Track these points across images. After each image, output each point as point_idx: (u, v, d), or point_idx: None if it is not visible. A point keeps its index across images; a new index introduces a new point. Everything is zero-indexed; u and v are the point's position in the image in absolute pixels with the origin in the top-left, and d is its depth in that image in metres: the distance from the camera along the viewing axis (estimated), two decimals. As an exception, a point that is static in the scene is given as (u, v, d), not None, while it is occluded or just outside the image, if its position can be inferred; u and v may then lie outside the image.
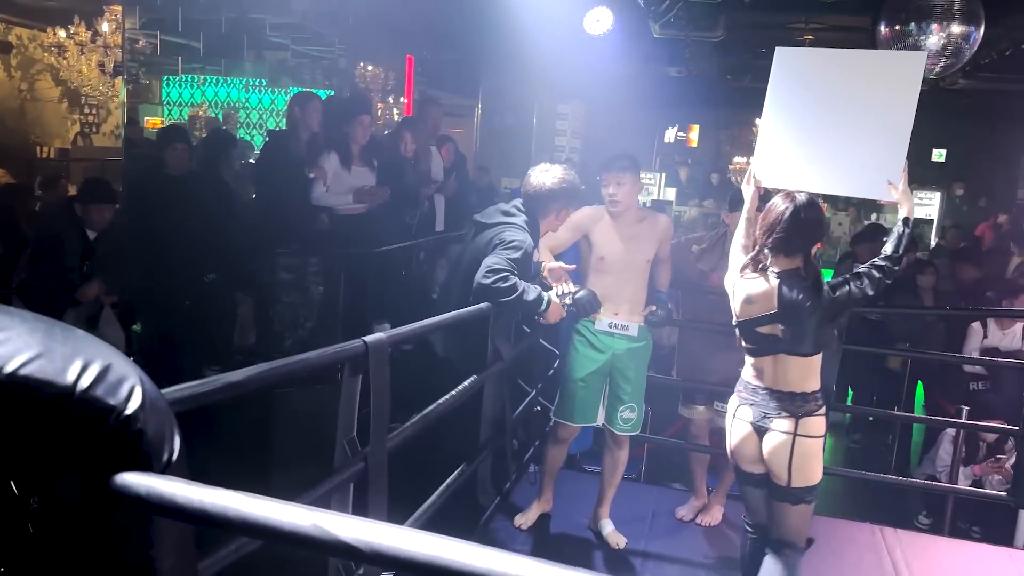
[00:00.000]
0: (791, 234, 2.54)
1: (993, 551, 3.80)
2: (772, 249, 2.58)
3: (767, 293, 2.58)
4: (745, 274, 2.64)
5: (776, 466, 2.59)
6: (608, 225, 3.33)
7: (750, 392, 2.67)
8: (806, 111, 2.86)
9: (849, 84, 2.85)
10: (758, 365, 2.66)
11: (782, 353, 2.59)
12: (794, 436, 2.56)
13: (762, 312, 2.59)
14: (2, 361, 0.75)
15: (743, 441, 2.66)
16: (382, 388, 2.13)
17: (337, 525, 0.74)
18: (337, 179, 4.67)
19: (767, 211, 2.61)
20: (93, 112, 9.64)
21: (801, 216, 2.54)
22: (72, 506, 0.81)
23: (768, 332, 2.60)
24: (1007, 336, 5.44)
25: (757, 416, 2.63)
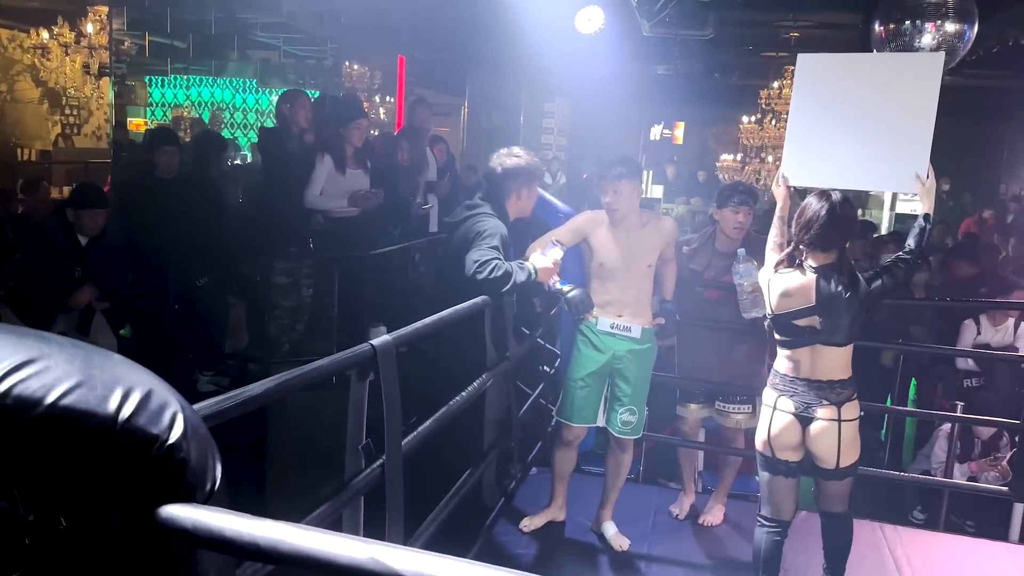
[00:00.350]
0: (828, 230, 2.66)
1: (991, 546, 3.83)
2: (809, 245, 2.70)
3: (805, 287, 2.70)
4: (780, 270, 2.76)
5: (824, 452, 2.75)
6: (608, 230, 3.31)
7: (788, 384, 2.78)
8: (830, 113, 3.01)
9: (871, 85, 3.00)
10: (794, 357, 2.76)
11: (819, 344, 2.72)
12: (839, 423, 2.72)
13: (800, 305, 2.71)
14: (43, 391, 0.72)
15: (784, 431, 2.77)
16: (393, 391, 2.10)
17: (396, 558, 0.71)
18: (331, 182, 4.62)
19: (803, 209, 2.72)
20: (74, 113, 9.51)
21: (837, 213, 2.66)
22: (114, 538, 0.77)
23: (805, 324, 2.72)
24: (999, 332, 5.48)
25: (799, 407, 2.75)
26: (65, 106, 9.36)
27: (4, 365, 0.72)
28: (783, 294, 2.74)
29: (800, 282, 2.72)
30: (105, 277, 4.07)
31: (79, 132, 9.69)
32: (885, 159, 2.95)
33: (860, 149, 2.97)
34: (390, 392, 2.09)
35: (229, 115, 10.73)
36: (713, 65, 9.97)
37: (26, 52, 8.66)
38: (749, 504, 4.41)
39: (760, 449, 2.88)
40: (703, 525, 3.78)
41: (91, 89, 8.25)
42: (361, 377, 2.01)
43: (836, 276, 2.68)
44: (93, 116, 9.65)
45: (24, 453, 0.73)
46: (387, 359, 2.06)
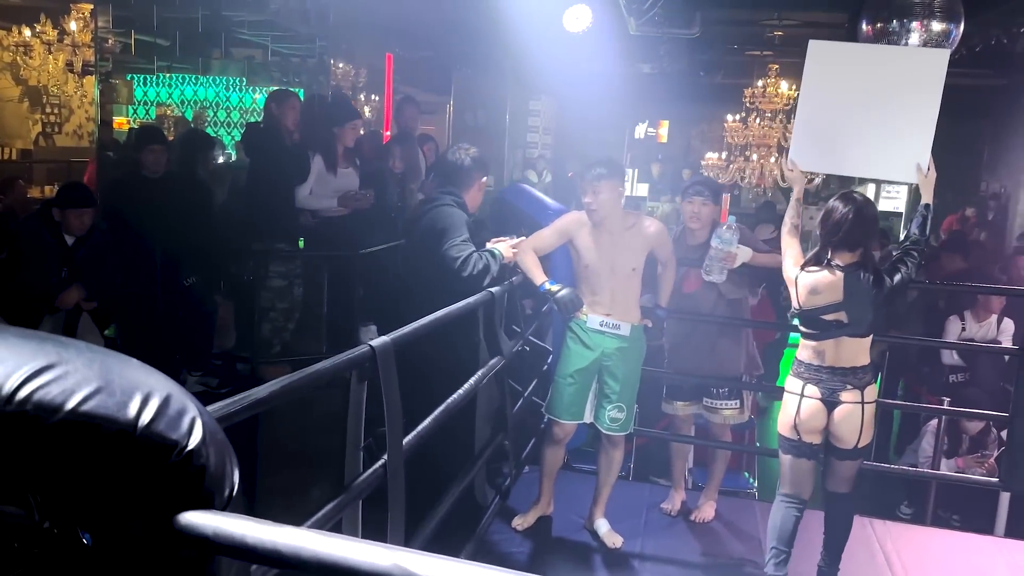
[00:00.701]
0: (854, 231, 2.84)
1: (979, 540, 3.88)
2: (836, 245, 2.88)
3: (833, 285, 2.89)
4: (808, 269, 2.94)
5: (847, 433, 2.96)
6: (591, 233, 3.32)
7: (813, 372, 2.97)
8: (838, 101, 3.15)
9: (878, 77, 3.14)
10: (819, 348, 2.96)
11: (844, 336, 2.91)
12: (862, 405, 2.94)
13: (829, 302, 2.90)
14: (63, 397, 0.71)
15: (812, 415, 2.96)
16: (392, 392, 2.09)
17: (420, 565, 0.71)
18: (321, 182, 4.60)
19: (828, 212, 2.90)
20: (55, 112, 9.39)
21: (862, 214, 2.85)
22: (133, 546, 0.77)
23: (832, 319, 2.91)
24: (983, 327, 5.55)
25: (825, 392, 2.95)
26: (46, 104, 9.24)
27: (24, 371, 0.71)
28: (812, 291, 2.92)
29: (828, 280, 2.90)
30: (93, 277, 4.03)
31: (60, 131, 9.57)
32: (888, 149, 3.09)
33: (865, 138, 3.11)
34: (390, 393, 2.08)
35: (213, 113, 10.63)
36: (698, 64, 9.98)
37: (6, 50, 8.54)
38: (739, 500, 4.47)
39: (785, 433, 3.05)
40: (695, 521, 3.80)
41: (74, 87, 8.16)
42: (361, 379, 2.00)
43: (862, 273, 2.87)
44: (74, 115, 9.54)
45: (42, 459, 0.72)
46: (386, 360, 2.05)
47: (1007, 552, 3.69)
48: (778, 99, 10.31)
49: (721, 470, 3.92)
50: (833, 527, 3.16)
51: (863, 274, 2.86)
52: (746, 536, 3.71)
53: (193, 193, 4.80)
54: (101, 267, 4.06)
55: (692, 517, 3.82)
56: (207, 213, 4.79)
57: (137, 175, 4.58)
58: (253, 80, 9.69)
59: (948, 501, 4.76)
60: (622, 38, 7.40)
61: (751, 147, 11.00)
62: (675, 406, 3.84)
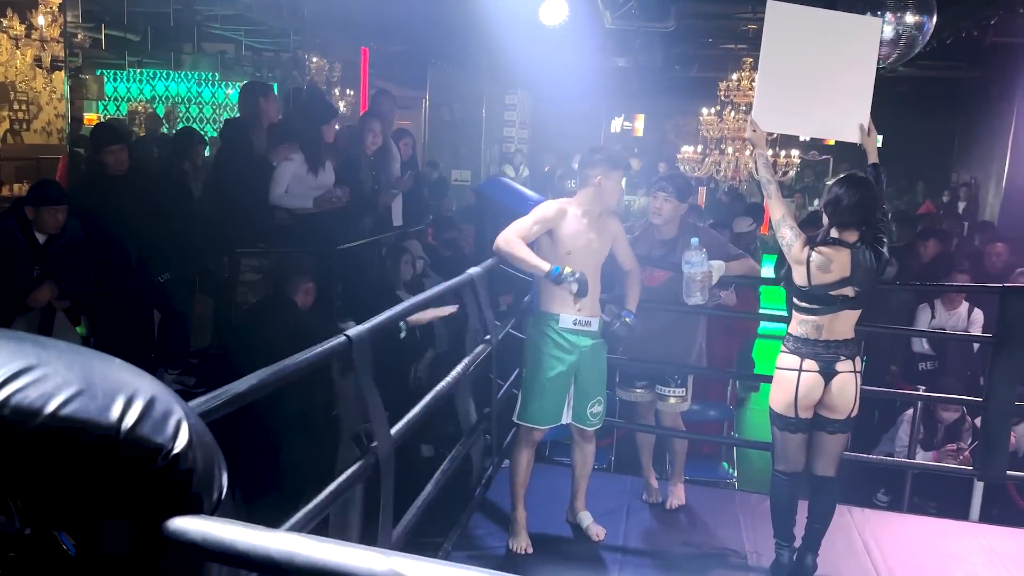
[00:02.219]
0: (859, 210, 2.99)
1: (955, 526, 3.94)
2: (842, 224, 3.02)
3: (842, 261, 3.02)
4: (816, 247, 3.05)
5: (844, 402, 3.08)
6: (573, 219, 3.30)
7: (810, 346, 3.08)
8: (794, 63, 3.32)
9: (826, 41, 3.33)
10: (818, 323, 3.08)
11: (845, 310, 3.05)
12: (855, 373, 3.09)
13: (837, 278, 3.02)
14: (42, 401, 0.69)
15: (811, 389, 3.07)
16: (369, 384, 2.08)
17: (416, 570, 0.70)
18: (298, 180, 4.54)
19: (836, 195, 3.04)
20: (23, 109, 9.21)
21: (864, 195, 3.01)
22: (120, 553, 0.74)
23: (839, 294, 3.05)
24: (952, 316, 5.63)
25: (822, 365, 3.07)
26: (14, 101, 9.06)
27: (1, 373, 0.68)
28: (821, 269, 3.04)
29: (836, 257, 3.03)
30: (65, 275, 3.96)
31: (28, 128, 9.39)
32: (836, 110, 3.31)
33: (817, 99, 3.30)
34: (366, 381, 2.06)
35: (185, 109, 10.50)
36: (673, 57, 10.04)
37: (-30, 45, 8.35)
38: (719, 490, 4.49)
39: (781, 411, 3.15)
40: (670, 509, 3.83)
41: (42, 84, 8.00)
42: (343, 371, 1.98)
43: (866, 250, 3.02)
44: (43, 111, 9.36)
45: (22, 465, 0.70)
46: (362, 350, 2.03)
47: (982, 536, 3.75)
48: (752, 92, 10.36)
49: (682, 455, 3.94)
50: (817, 513, 3.23)
51: (867, 250, 3.02)
52: (727, 525, 3.74)
53: (166, 190, 4.73)
54: (74, 265, 4.00)
55: (667, 505, 3.84)
56: (182, 210, 4.72)
57: (103, 173, 4.50)
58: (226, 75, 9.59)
59: (924, 489, 4.82)
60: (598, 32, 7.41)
61: (726, 140, 11.04)
62: (634, 393, 3.85)
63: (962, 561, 3.54)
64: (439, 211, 7.50)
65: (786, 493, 3.23)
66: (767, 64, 3.34)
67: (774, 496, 3.27)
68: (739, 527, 3.71)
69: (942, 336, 5.46)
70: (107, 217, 4.29)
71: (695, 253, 3.51)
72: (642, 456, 3.98)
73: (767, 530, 3.34)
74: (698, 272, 3.51)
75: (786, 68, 3.32)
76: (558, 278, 3.17)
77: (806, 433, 3.17)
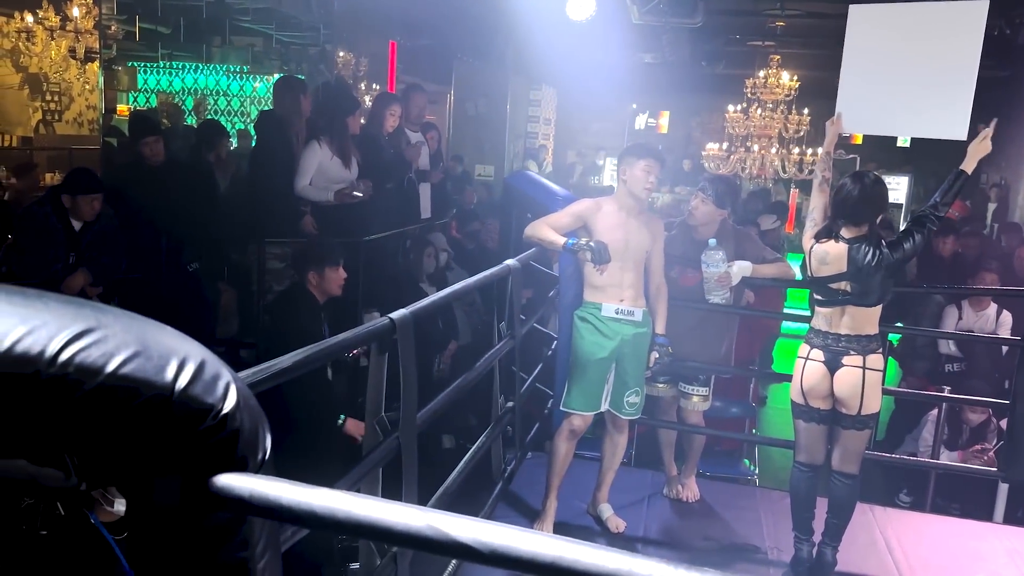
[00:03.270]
0: (860, 206, 3.02)
1: (978, 526, 3.91)
2: (844, 220, 3.07)
3: (839, 256, 3.07)
4: (820, 240, 3.12)
5: (849, 397, 3.09)
6: (609, 214, 3.35)
7: (820, 337, 3.14)
8: (881, 62, 3.27)
9: (918, 34, 3.24)
10: (828, 315, 3.13)
11: (850, 305, 3.07)
12: (863, 370, 3.07)
13: (834, 272, 3.08)
14: (103, 360, 0.72)
15: (818, 379, 3.11)
16: (410, 365, 2.12)
17: (452, 525, 0.73)
18: (321, 172, 4.60)
19: (839, 189, 3.08)
20: (55, 99, 9.37)
21: (868, 192, 3.02)
22: (167, 509, 0.78)
23: (837, 288, 3.09)
24: (980, 318, 5.57)
25: (828, 356, 3.11)
26: (47, 92, 9.22)
27: (65, 334, 0.72)
28: (821, 261, 3.11)
29: (835, 251, 3.08)
30: (99, 262, 4.04)
31: (60, 119, 9.55)
32: (931, 106, 3.23)
33: (908, 97, 3.23)
34: (407, 365, 2.10)
35: (214, 101, 10.62)
36: (700, 54, 9.99)
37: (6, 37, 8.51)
38: (740, 487, 4.50)
39: (794, 398, 3.21)
40: (685, 502, 3.86)
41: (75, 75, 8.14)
42: (381, 351, 2.02)
43: (865, 246, 3.03)
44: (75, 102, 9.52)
45: (81, 421, 0.74)
46: (405, 333, 2.07)
47: (1006, 538, 3.72)
48: (779, 89, 10.30)
49: (698, 450, 3.96)
50: (836, 508, 3.25)
51: (864, 247, 3.03)
52: (747, 521, 3.75)
53: (197, 180, 4.81)
54: (107, 252, 4.08)
55: (682, 498, 3.87)
56: (211, 199, 4.80)
57: (140, 163, 4.59)
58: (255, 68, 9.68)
59: (947, 490, 4.79)
60: (624, 27, 7.40)
61: (752, 138, 10.99)
62: (656, 388, 3.86)
63: (985, 562, 3.52)
64: (462, 204, 7.54)
65: (804, 485, 3.26)
66: (849, 68, 3.31)
67: (793, 488, 3.30)
68: (759, 523, 3.72)
69: (970, 338, 5.40)
70: (141, 205, 4.38)
71: (713, 254, 3.55)
72: (663, 451, 4.00)
73: (788, 526, 3.35)
74: (714, 273, 3.53)
75: (872, 68, 3.28)
76: (574, 248, 3.25)
77: (825, 425, 3.20)
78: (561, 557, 0.70)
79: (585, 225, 3.35)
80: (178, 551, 0.80)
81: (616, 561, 0.69)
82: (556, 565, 0.70)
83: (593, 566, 0.70)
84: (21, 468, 0.76)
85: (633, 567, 0.70)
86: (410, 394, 2.14)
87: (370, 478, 2.06)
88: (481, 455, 3.30)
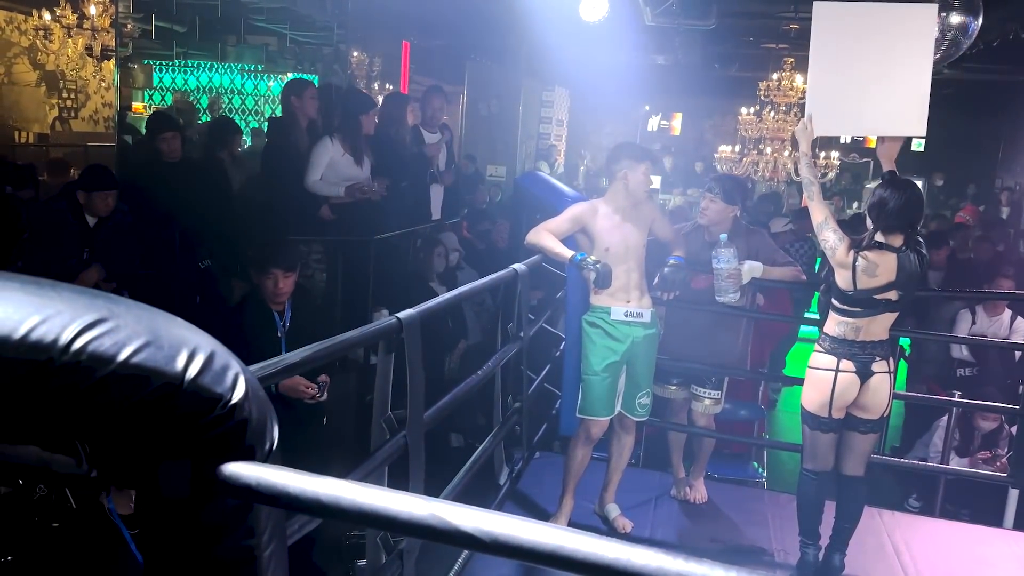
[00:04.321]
0: (905, 213, 2.99)
1: (987, 532, 3.88)
2: (887, 228, 3.01)
3: (888, 265, 3.01)
4: (862, 251, 3.04)
5: (878, 402, 3.11)
6: (605, 216, 3.36)
7: (847, 347, 3.09)
8: (845, 62, 3.27)
9: (880, 33, 3.26)
10: (857, 324, 3.08)
11: (886, 312, 3.06)
12: (891, 374, 3.13)
13: (884, 282, 3.02)
14: (115, 349, 0.74)
15: (847, 389, 3.09)
16: (417, 364, 2.13)
17: (455, 515, 0.74)
18: (332, 168, 4.62)
19: (881, 198, 3.03)
20: (71, 97, 9.46)
21: (910, 197, 3.00)
22: (175, 498, 0.80)
23: (883, 298, 3.05)
24: (994, 323, 5.54)
25: (859, 366, 3.08)
26: (63, 89, 9.32)
27: (78, 323, 0.74)
28: (867, 273, 3.03)
29: (883, 261, 3.02)
30: (113, 258, 4.08)
31: (76, 116, 9.64)
32: (892, 104, 3.24)
33: (871, 96, 3.24)
34: (413, 363, 2.11)
35: (228, 100, 10.67)
36: (713, 56, 9.97)
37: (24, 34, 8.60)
38: (749, 489, 4.49)
39: (815, 411, 3.16)
40: (693, 503, 3.86)
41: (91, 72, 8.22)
42: (388, 349, 2.03)
43: (912, 253, 3.03)
44: (91, 100, 9.61)
45: (93, 409, 0.75)
46: (413, 332, 2.08)
47: (1016, 544, 3.70)
48: (793, 92, 10.28)
49: (707, 452, 3.96)
50: (845, 513, 3.24)
51: (911, 254, 3.02)
52: (755, 523, 3.74)
53: (211, 177, 4.85)
54: (121, 248, 4.12)
55: (690, 499, 3.87)
56: (225, 196, 4.84)
57: (156, 160, 4.64)
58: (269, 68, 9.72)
59: (957, 496, 4.76)
60: (638, 29, 7.40)
61: (765, 140, 10.97)
62: (668, 390, 3.86)
63: (994, 568, 3.51)
64: (473, 204, 7.56)
65: (814, 491, 3.24)
66: (817, 66, 3.29)
67: (801, 494, 3.27)
68: (767, 525, 3.71)
69: (983, 344, 5.36)
70: (156, 202, 4.42)
71: (724, 250, 3.51)
72: (672, 453, 3.99)
73: (795, 529, 3.34)
74: (725, 269, 3.50)
75: (838, 68, 3.27)
76: (580, 264, 3.24)
77: (837, 433, 3.17)
78: (561, 546, 0.71)
79: (584, 228, 3.35)
80: (185, 540, 0.81)
81: (615, 551, 0.71)
82: (556, 554, 0.71)
83: (593, 555, 0.71)
84: (33, 454, 0.78)
85: (632, 556, 0.71)
86: (417, 393, 2.15)
87: (376, 475, 2.07)
88: (488, 455, 3.31)
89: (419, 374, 2.15)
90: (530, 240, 3.38)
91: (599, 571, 0.71)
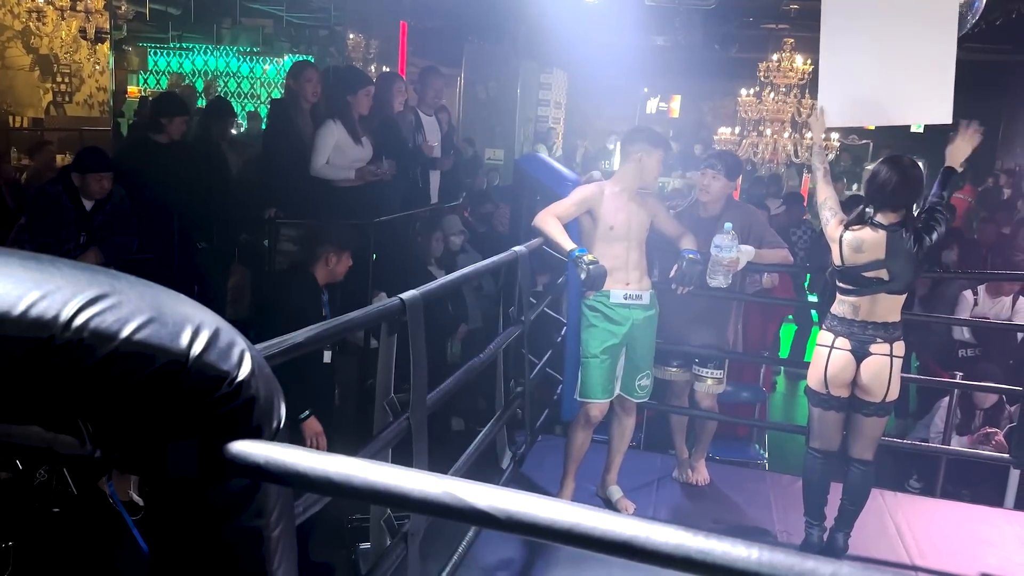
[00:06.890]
0: (900, 192, 2.93)
1: (988, 512, 3.90)
2: (881, 205, 2.97)
3: (876, 243, 2.98)
4: (852, 227, 3.03)
5: (876, 385, 3.06)
6: (612, 197, 3.36)
7: (846, 326, 3.08)
8: (859, 50, 3.14)
9: (896, 16, 3.11)
10: (856, 303, 3.06)
11: (882, 292, 3.01)
12: (891, 357, 3.05)
13: (870, 259, 2.99)
14: (118, 325, 0.72)
15: (842, 367, 3.07)
16: (420, 346, 2.11)
17: (470, 492, 0.72)
18: (338, 151, 4.58)
19: (875, 174, 3.00)
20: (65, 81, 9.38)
21: (908, 176, 2.94)
22: (181, 479, 0.78)
23: (873, 276, 3.01)
24: (996, 305, 5.53)
25: (855, 345, 3.06)
26: (57, 74, 9.23)
27: (79, 299, 0.71)
28: (855, 249, 3.01)
29: (871, 238, 2.98)
30: (110, 242, 4.05)
31: (71, 100, 9.56)
32: (912, 92, 3.12)
33: (891, 84, 3.12)
34: (416, 345, 2.09)
35: (224, 83, 10.61)
36: (713, 36, 9.88)
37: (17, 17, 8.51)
38: (750, 471, 4.50)
39: (814, 387, 3.16)
40: (694, 485, 3.86)
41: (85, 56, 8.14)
42: (391, 331, 2.02)
43: (904, 232, 2.95)
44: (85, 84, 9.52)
45: (96, 387, 0.73)
46: (416, 313, 2.06)
47: (1017, 523, 3.71)
48: (793, 73, 10.21)
49: (709, 433, 3.96)
50: (851, 495, 3.23)
51: (904, 233, 2.95)
52: (757, 504, 3.74)
53: (208, 160, 4.81)
54: (118, 232, 4.09)
55: (692, 481, 3.87)
56: (223, 179, 4.81)
57: (152, 141, 4.60)
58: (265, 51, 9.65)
59: (958, 476, 4.77)
60: (637, 9, 7.34)
61: (764, 122, 10.91)
62: (668, 372, 3.85)
63: (996, 547, 3.51)
64: (472, 187, 7.52)
65: (818, 471, 3.23)
66: (829, 52, 3.19)
67: (806, 474, 3.28)
68: (769, 506, 3.72)
69: (985, 325, 5.35)
70: (153, 185, 4.38)
71: (726, 238, 3.50)
72: (675, 435, 3.99)
73: (797, 510, 3.34)
74: (725, 257, 3.50)
75: (852, 54, 3.16)
76: (576, 260, 3.23)
77: (842, 412, 3.16)
78: (578, 523, 0.69)
79: (590, 210, 3.35)
80: (193, 520, 0.79)
81: (633, 528, 0.69)
82: (573, 531, 0.70)
83: (610, 532, 0.69)
84: (36, 435, 0.75)
85: (651, 533, 0.70)
86: (420, 375, 2.14)
87: (380, 458, 2.05)
88: (491, 438, 3.30)
89: (422, 355, 2.13)
90: (537, 224, 3.39)
91: (616, 548, 0.69)
